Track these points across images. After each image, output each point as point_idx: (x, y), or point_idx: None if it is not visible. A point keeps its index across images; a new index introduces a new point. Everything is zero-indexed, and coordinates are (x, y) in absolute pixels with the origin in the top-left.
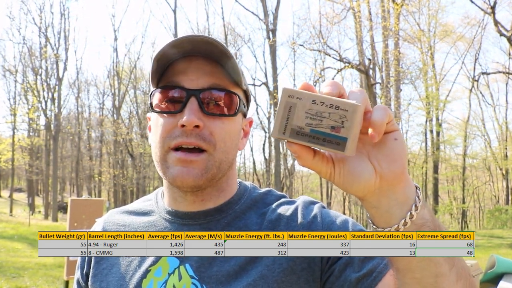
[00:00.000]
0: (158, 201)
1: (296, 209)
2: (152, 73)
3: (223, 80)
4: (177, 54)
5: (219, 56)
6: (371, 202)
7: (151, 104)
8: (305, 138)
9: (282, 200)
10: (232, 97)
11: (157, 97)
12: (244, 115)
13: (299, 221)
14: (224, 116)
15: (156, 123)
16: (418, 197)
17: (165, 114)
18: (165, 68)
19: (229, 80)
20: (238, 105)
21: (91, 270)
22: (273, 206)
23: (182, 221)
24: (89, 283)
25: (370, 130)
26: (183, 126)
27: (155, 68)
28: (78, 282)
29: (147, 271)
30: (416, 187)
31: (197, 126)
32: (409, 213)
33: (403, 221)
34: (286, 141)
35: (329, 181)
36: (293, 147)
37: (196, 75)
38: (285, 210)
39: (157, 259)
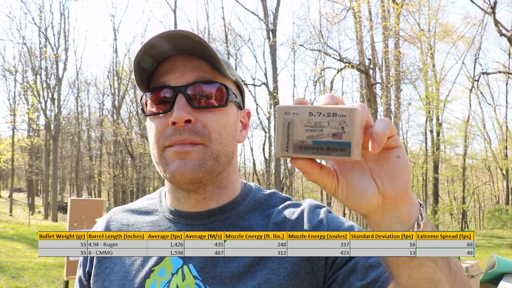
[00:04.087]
0: (161, 200)
1: (302, 213)
2: (136, 78)
3: (208, 72)
4: (159, 55)
5: (198, 48)
6: (374, 220)
7: (142, 110)
8: (309, 151)
9: (288, 202)
10: (219, 87)
11: (146, 101)
12: (240, 107)
13: (304, 225)
14: (214, 107)
15: (150, 126)
16: (421, 215)
17: (156, 116)
18: (152, 70)
19: (215, 72)
20: (227, 95)
21: (93, 268)
22: (279, 208)
23: (185, 221)
24: (91, 281)
25: (370, 142)
26: (174, 123)
27: (138, 71)
28: (80, 280)
29: (150, 271)
30: (420, 205)
31: (188, 121)
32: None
33: None
34: (290, 158)
35: (333, 197)
36: (298, 163)
37: (180, 71)
38: (291, 213)
39: (161, 259)
